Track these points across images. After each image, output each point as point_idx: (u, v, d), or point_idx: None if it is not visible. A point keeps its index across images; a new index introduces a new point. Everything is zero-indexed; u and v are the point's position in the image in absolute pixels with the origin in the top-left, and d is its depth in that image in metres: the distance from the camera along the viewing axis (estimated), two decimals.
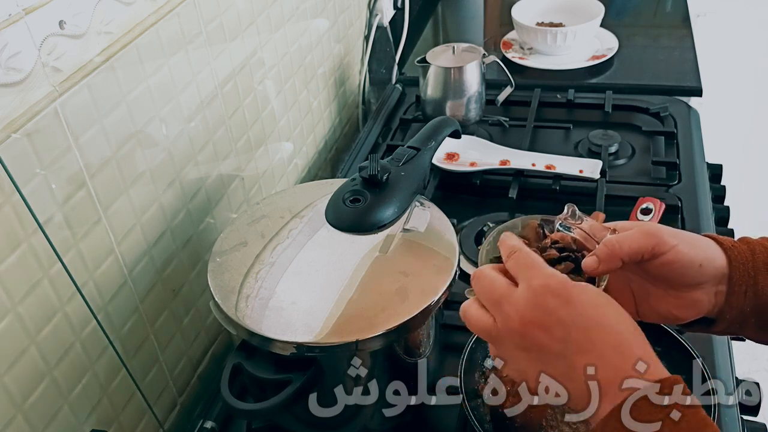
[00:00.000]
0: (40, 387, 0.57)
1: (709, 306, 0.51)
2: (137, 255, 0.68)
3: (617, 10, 1.51)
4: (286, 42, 0.98)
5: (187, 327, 0.78)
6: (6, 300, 0.53)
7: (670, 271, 0.49)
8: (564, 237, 0.55)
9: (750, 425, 0.69)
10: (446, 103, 1.11)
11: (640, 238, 0.49)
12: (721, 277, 0.50)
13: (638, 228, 0.50)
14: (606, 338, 0.43)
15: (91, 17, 0.58)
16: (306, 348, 0.57)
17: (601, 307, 0.44)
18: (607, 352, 0.42)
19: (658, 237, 0.49)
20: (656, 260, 0.49)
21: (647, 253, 0.49)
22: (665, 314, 0.52)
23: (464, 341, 0.70)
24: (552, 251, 0.54)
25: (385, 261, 0.64)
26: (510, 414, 0.65)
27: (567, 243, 0.55)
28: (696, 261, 0.49)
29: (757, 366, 1.71)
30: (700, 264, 0.49)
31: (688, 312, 0.52)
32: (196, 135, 0.76)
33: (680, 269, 0.49)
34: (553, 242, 0.55)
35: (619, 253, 0.49)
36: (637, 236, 0.49)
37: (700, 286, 0.50)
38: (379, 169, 0.69)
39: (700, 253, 0.49)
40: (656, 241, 0.49)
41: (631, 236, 0.49)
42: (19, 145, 0.52)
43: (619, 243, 0.49)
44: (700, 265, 0.49)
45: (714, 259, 0.50)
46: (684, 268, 0.49)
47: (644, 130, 1.12)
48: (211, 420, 0.73)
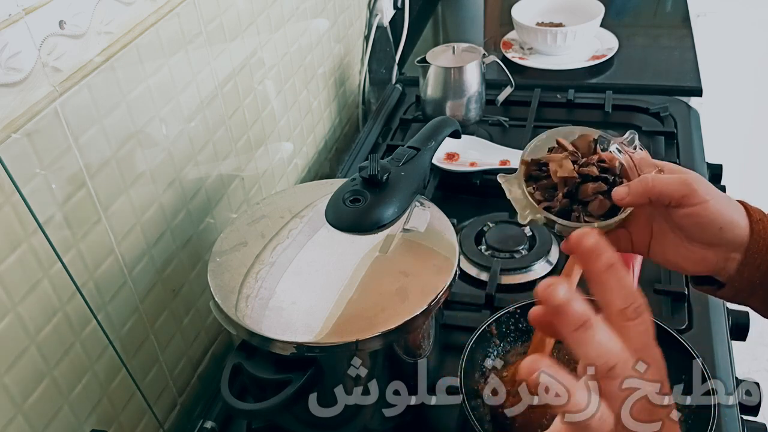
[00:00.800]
0: (40, 387, 0.57)
1: (716, 268, 0.52)
2: (137, 255, 0.68)
3: (617, 10, 1.51)
4: (286, 42, 0.98)
5: (187, 327, 0.78)
6: (6, 300, 0.53)
7: (691, 224, 0.50)
8: (612, 159, 0.55)
9: (750, 425, 0.69)
10: (446, 103, 1.11)
11: (675, 185, 0.50)
12: (738, 245, 0.51)
13: (678, 176, 0.51)
14: None
15: (91, 17, 0.58)
16: (306, 348, 0.58)
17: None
18: None
19: (691, 188, 0.50)
20: (682, 209, 0.50)
21: (675, 201, 0.50)
22: (672, 261, 0.53)
23: (464, 341, 0.70)
24: (593, 168, 0.54)
25: (385, 261, 0.64)
26: (510, 414, 0.65)
27: (612, 165, 0.55)
28: (718, 222, 0.50)
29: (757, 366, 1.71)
30: (721, 227, 0.50)
31: (694, 266, 0.53)
32: (196, 135, 0.76)
33: (701, 225, 0.50)
34: (600, 160, 0.55)
35: (650, 192, 0.50)
36: (672, 182, 0.50)
37: (715, 247, 0.51)
38: (379, 169, 0.69)
39: (726, 217, 0.50)
40: (688, 192, 0.49)
41: (666, 180, 0.50)
42: (19, 145, 0.52)
43: (653, 182, 0.50)
44: (721, 228, 0.50)
45: (737, 227, 0.50)
46: (705, 225, 0.50)
47: (644, 130, 1.12)
48: (211, 420, 0.73)
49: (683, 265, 0.54)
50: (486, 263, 0.88)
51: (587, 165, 0.55)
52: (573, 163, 0.55)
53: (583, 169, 0.54)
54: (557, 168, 0.55)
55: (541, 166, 0.57)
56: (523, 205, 0.56)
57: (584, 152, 0.57)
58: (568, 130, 0.58)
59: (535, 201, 0.56)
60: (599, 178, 0.54)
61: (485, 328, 0.72)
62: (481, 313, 0.81)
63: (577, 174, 0.54)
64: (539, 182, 0.57)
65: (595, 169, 0.55)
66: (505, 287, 0.85)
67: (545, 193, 0.56)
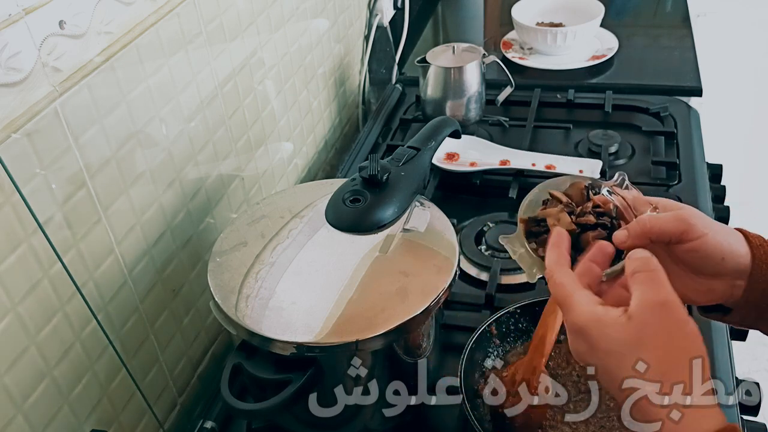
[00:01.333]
0: (40, 387, 0.57)
1: (723, 296, 0.53)
2: (137, 255, 0.68)
3: (617, 10, 1.51)
4: (286, 42, 0.98)
5: (187, 327, 0.78)
6: (6, 300, 0.53)
7: (694, 258, 0.51)
8: (606, 202, 0.56)
9: (750, 425, 0.69)
10: (446, 103, 1.11)
11: (672, 223, 0.51)
12: (741, 272, 0.51)
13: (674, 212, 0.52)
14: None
15: (91, 17, 0.58)
16: (306, 348, 0.58)
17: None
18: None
19: (689, 224, 0.51)
20: (683, 245, 0.51)
21: (675, 238, 0.51)
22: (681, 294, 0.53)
23: (464, 341, 0.70)
24: (590, 216, 0.56)
25: (385, 261, 0.64)
26: (510, 414, 0.65)
27: (607, 209, 0.56)
28: (720, 254, 0.51)
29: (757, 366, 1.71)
30: (723, 257, 0.51)
31: (703, 297, 0.54)
32: (196, 135, 0.76)
33: (703, 258, 0.51)
34: (595, 206, 0.56)
35: (649, 233, 0.51)
36: (669, 220, 0.51)
37: (720, 277, 0.52)
38: (379, 169, 0.69)
39: (725, 247, 0.51)
40: (686, 228, 0.51)
41: (663, 219, 0.51)
42: (19, 145, 0.52)
43: (650, 223, 0.51)
44: (723, 258, 0.51)
45: (738, 255, 0.51)
46: (707, 257, 0.51)
47: (644, 130, 1.12)
48: (211, 420, 0.73)
49: (692, 297, 0.54)
50: (486, 263, 0.88)
51: (584, 214, 0.56)
52: (569, 215, 0.56)
53: (580, 219, 0.56)
54: (555, 222, 0.56)
55: (539, 222, 0.58)
56: (530, 263, 0.57)
57: (578, 201, 0.58)
58: (559, 181, 0.59)
59: (540, 257, 0.57)
60: (597, 224, 0.55)
61: (485, 328, 0.72)
62: (481, 313, 0.81)
63: (575, 225, 0.56)
64: (540, 237, 0.58)
65: (592, 217, 0.56)
66: (505, 287, 0.85)
67: None
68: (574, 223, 0.56)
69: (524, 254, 0.57)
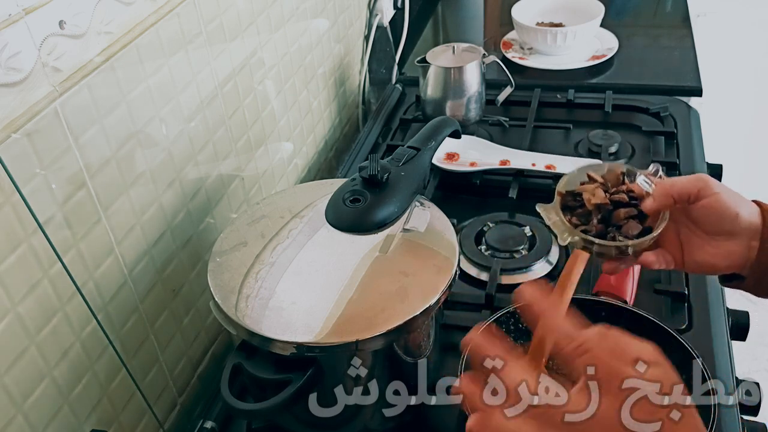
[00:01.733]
0: (40, 387, 0.57)
1: (742, 259, 0.57)
2: (137, 255, 0.68)
3: (617, 10, 1.51)
4: (286, 42, 0.98)
5: (187, 327, 0.78)
6: (6, 300, 0.53)
7: (711, 215, 0.56)
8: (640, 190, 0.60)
9: (750, 425, 0.69)
10: (446, 103, 1.11)
11: (690, 181, 0.57)
12: (754, 232, 0.56)
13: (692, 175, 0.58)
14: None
15: (91, 17, 0.58)
16: (306, 348, 0.58)
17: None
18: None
19: (704, 182, 0.57)
20: (699, 203, 0.56)
21: (693, 195, 0.56)
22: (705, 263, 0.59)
23: None
24: (623, 195, 0.60)
25: (385, 261, 0.64)
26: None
27: (640, 194, 0.60)
28: (733, 210, 0.56)
29: (757, 366, 1.71)
30: (737, 213, 0.56)
31: (723, 261, 0.58)
32: (196, 135, 0.76)
33: (719, 214, 0.56)
34: (628, 190, 0.61)
35: (670, 191, 0.57)
36: (688, 179, 0.57)
37: (735, 236, 0.56)
38: (379, 169, 0.69)
39: (739, 205, 0.56)
40: (702, 185, 0.56)
41: (682, 179, 0.58)
42: (19, 145, 0.52)
43: (671, 183, 0.58)
44: (737, 215, 0.56)
45: (750, 214, 0.56)
46: (722, 213, 0.56)
47: (644, 130, 1.12)
48: (211, 420, 0.73)
49: (714, 263, 0.59)
50: (486, 263, 0.88)
51: (618, 193, 0.60)
52: (604, 192, 0.61)
53: (614, 197, 0.60)
54: (590, 196, 0.60)
55: (576, 196, 0.62)
56: (562, 229, 0.60)
57: (613, 183, 0.61)
58: (597, 165, 0.63)
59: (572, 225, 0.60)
60: (629, 204, 0.60)
61: None
62: (481, 313, 0.81)
63: (609, 201, 0.60)
64: (575, 211, 0.62)
65: (625, 196, 0.60)
66: (505, 287, 0.85)
67: (581, 219, 0.61)
68: (608, 199, 0.60)
69: (558, 222, 0.61)
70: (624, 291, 0.77)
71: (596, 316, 0.74)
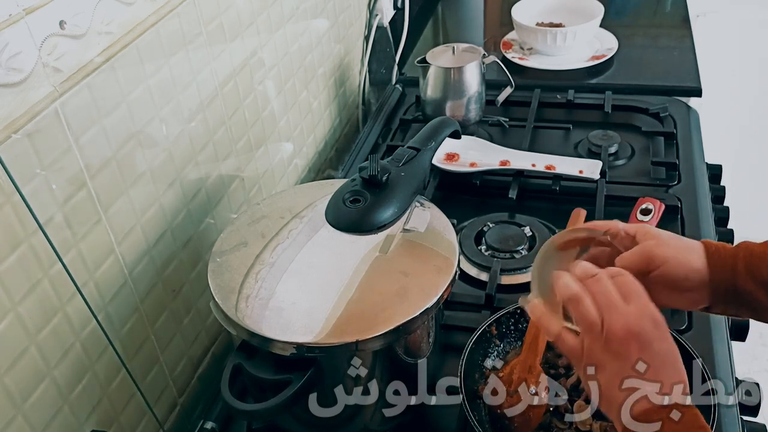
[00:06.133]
0: (40, 387, 0.57)
1: (705, 301, 0.59)
2: (137, 255, 0.68)
3: (617, 10, 1.51)
4: (286, 42, 0.98)
5: (188, 327, 0.78)
6: (6, 300, 0.53)
7: (663, 282, 0.58)
8: None
9: (750, 425, 0.69)
10: (446, 103, 1.11)
11: (636, 258, 0.58)
12: (706, 282, 0.58)
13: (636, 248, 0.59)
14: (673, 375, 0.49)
15: (91, 17, 0.58)
16: (306, 348, 0.58)
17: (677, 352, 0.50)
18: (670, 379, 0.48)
19: (649, 257, 0.58)
20: (651, 275, 0.58)
21: (643, 269, 0.58)
22: (674, 306, 0.61)
23: (464, 341, 0.70)
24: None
25: (385, 261, 0.64)
26: (510, 414, 0.65)
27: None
28: (683, 274, 0.58)
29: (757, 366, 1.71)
30: (686, 276, 0.58)
31: (688, 306, 0.62)
32: (196, 135, 0.76)
33: (672, 280, 0.58)
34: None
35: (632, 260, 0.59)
36: (633, 257, 0.59)
37: (693, 290, 0.58)
38: (379, 169, 0.69)
39: (686, 267, 0.58)
40: (648, 260, 0.58)
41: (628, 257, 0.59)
42: (19, 145, 0.52)
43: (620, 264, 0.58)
44: (686, 277, 0.58)
45: (698, 270, 0.58)
46: (674, 279, 0.58)
47: (644, 131, 1.12)
48: (211, 420, 0.73)
49: (683, 307, 0.66)
50: (486, 263, 0.88)
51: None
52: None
53: None
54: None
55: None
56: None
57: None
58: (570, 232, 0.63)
59: None
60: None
61: (485, 328, 0.72)
62: (481, 313, 0.81)
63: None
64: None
65: None
66: (505, 287, 0.85)
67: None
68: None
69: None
70: None
71: None
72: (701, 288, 0.58)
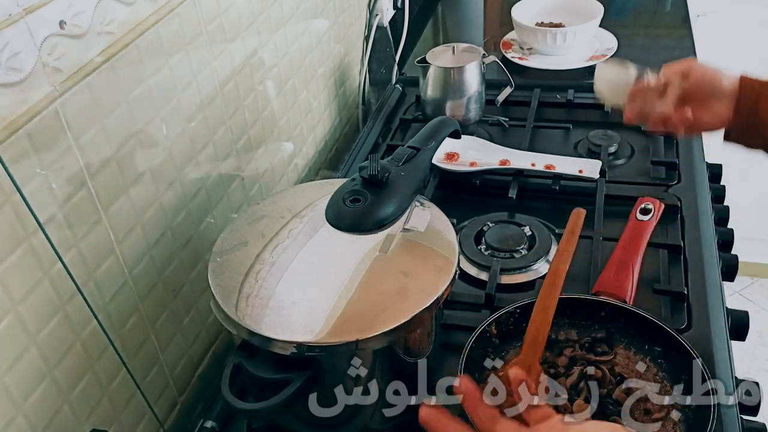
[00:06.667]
0: (40, 387, 0.57)
1: (727, 119, 0.75)
2: (138, 255, 0.68)
3: (617, 10, 1.51)
4: (286, 42, 0.98)
5: (188, 327, 0.78)
6: (6, 300, 0.53)
7: (701, 84, 0.75)
8: None
9: (750, 425, 0.69)
10: (446, 103, 1.11)
11: (678, 66, 0.78)
12: (735, 93, 0.73)
13: (680, 60, 0.79)
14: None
15: (91, 17, 0.58)
16: (306, 348, 0.58)
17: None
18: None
19: (690, 66, 0.77)
20: (689, 78, 0.76)
21: (685, 71, 0.77)
22: (701, 122, 0.76)
23: (464, 341, 0.70)
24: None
25: (385, 261, 0.64)
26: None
27: None
28: (717, 75, 0.75)
29: (757, 366, 1.71)
30: (720, 78, 0.75)
31: (712, 120, 0.76)
32: (196, 135, 0.76)
33: (707, 82, 0.75)
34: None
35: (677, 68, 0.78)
36: (678, 64, 0.78)
37: (721, 98, 0.74)
38: (379, 169, 0.69)
39: (718, 79, 0.75)
40: (689, 67, 0.77)
41: (675, 64, 0.78)
42: (19, 145, 0.52)
43: (669, 68, 0.78)
44: (720, 80, 0.75)
45: (728, 85, 0.74)
46: (709, 81, 0.75)
47: (643, 130, 1.12)
48: (211, 420, 0.73)
49: (708, 124, 0.77)
50: (486, 263, 0.88)
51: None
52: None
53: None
54: None
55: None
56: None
57: None
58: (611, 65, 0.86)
59: None
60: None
61: (485, 328, 0.72)
62: (481, 313, 0.81)
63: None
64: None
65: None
66: (505, 287, 0.85)
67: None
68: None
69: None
70: (624, 291, 0.77)
71: (596, 316, 0.74)
72: (728, 101, 0.73)
